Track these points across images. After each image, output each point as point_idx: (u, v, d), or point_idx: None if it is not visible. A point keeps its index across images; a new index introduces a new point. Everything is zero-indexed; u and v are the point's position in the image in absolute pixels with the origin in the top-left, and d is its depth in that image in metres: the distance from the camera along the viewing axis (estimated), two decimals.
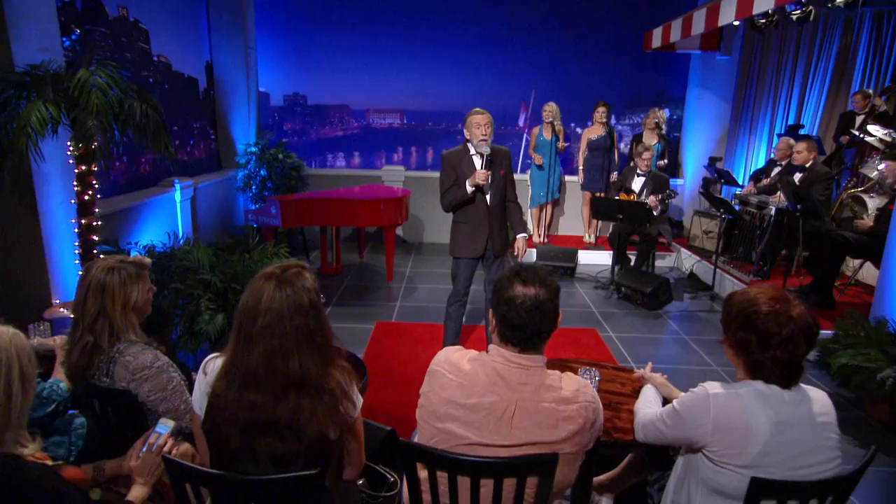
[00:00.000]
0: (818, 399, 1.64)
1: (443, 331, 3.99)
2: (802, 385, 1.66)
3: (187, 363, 3.81)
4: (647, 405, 2.04)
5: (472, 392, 1.60)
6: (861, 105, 5.97)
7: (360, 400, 1.63)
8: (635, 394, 2.28)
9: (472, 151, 3.64)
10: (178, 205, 5.30)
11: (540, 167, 6.79)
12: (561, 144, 6.85)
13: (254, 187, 6.85)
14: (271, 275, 1.51)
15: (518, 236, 3.76)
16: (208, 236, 5.83)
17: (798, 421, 1.58)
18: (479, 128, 3.55)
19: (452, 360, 1.68)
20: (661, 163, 6.86)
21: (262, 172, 6.85)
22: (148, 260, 2.17)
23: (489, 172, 3.55)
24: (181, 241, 4.31)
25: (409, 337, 4.51)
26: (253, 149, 6.87)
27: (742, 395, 1.62)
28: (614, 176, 6.96)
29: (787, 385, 1.62)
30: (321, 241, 6.23)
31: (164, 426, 1.71)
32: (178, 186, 5.24)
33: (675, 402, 1.77)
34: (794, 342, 1.57)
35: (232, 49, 6.70)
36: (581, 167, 6.95)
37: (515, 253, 3.73)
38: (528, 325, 1.56)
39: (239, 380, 1.49)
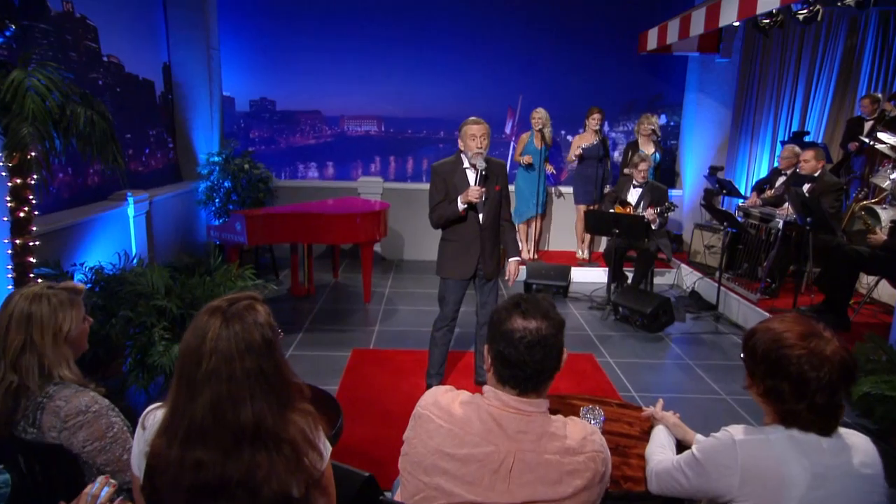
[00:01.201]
0: (860, 447, 1.54)
1: (427, 358, 3.93)
2: (841, 429, 1.56)
3: (139, 400, 3.69)
4: (661, 450, 1.93)
5: (465, 441, 1.50)
6: (869, 110, 6.02)
7: (328, 448, 1.51)
8: (644, 435, 2.18)
9: (466, 164, 3.60)
10: (132, 221, 5.15)
11: (529, 166, 6.75)
12: (549, 167, 6.83)
13: (217, 201, 6.73)
14: (217, 309, 1.40)
15: (510, 260, 3.74)
16: (165, 256, 5.70)
17: (838, 473, 1.48)
18: (474, 139, 3.51)
19: (442, 404, 1.58)
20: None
21: (226, 184, 6.74)
22: (81, 286, 2.01)
23: (483, 189, 3.50)
24: (134, 262, 4.16)
25: (390, 365, 4.43)
26: (216, 158, 6.76)
27: (773, 441, 1.52)
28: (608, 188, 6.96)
29: (825, 432, 1.52)
30: (291, 259, 6.14)
31: (103, 483, 1.55)
32: (131, 200, 5.10)
33: (694, 448, 1.67)
34: (832, 386, 1.48)
35: (192, 49, 6.60)
36: (574, 156, 6.88)
37: (506, 277, 3.70)
38: (528, 363, 1.48)
39: (181, 435, 1.36)
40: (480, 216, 3.61)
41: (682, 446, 2.02)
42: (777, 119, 7.24)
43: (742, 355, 1.64)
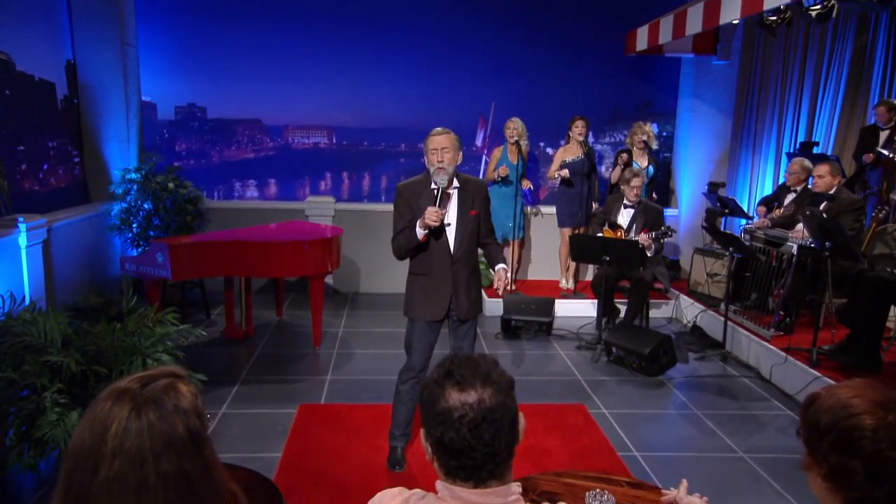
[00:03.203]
0: None
1: (390, 414, 3.82)
2: None
3: (25, 483, 3.36)
4: None
5: None
6: (885, 119, 6.07)
7: None
8: None
9: (433, 183, 3.56)
10: (24, 252, 4.85)
11: (505, 181, 6.75)
12: (526, 183, 6.85)
13: (135, 226, 6.54)
14: (124, 393, 1.21)
15: (498, 267, 3.65)
16: (68, 295, 5.46)
17: None
18: (435, 153, 3.47)
19: None
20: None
21: (146, 206, 6.56)
22: None
23: (443, 211, 3.45)
24: (24, 305, 3.84)
25: (346, 424, 4.29)
26: (134, 175, 6.58)
27: None
28: (594, 206, 6.97)
29: None
30: (226, 295, 5.97)
31: None
32: (22, 227, 4.81)
33: None
34: None
35: (103, 45, 6.43)
36: (557, 174, 6.86)
37: (496, 286, 3.61)
38: (475, 448, 1.34)
39: None
40: (451, 244, 3.56)
41: None
42: (781, 128, 7.28)
43: (799, 429, 1.49)
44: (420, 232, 3.45)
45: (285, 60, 7.48)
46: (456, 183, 3.55)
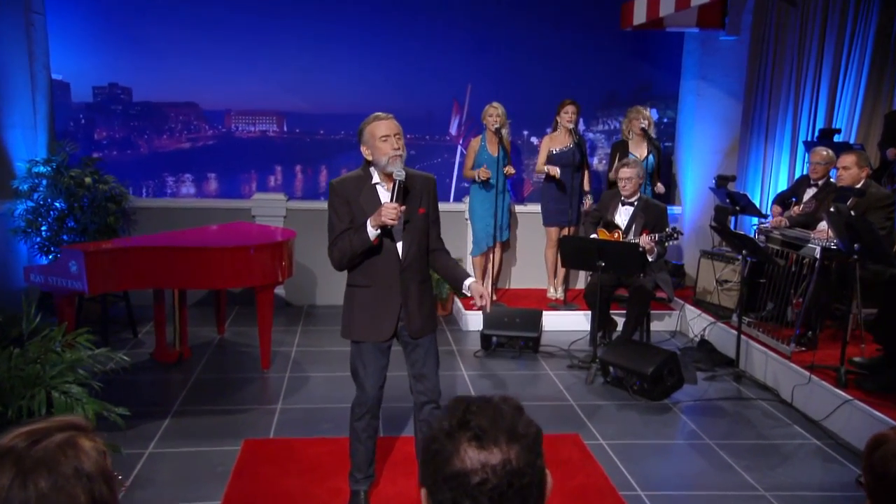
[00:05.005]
0: None
1: (349, 451, 3.77)
2: None
3: None
4: None
5: None
6: None
7: None
8: None
9: (376, 178, 3.55)
10: None
11: (486, 183, 6.81)
12: (508, 168, 6.87)
13: (44, 229, 6.48)
14: (6, 454, 1.17)
15: (468, 282, 3.59)
16: None
17: None
18: (386, 140, 3.45)
19: None
20: (658, 187, 6.90)
21: (58, 205, 6.50)
22: None
23: (402, 207, 3.41)
24: None
25: (299, 462, 4.23)
26: (42, 168, 6.52)
27: None
28: (588, 202, 7.00)
29: None
30: (156, 311, 5.90)
31: None
32: None
33: None
34: None
35: (2, 12, 6.35)
36: (545, 169, 6.92)
37: (478, 304, 3.53)
38: None
39: None
40: (399, 249, 3.53)
41: None
42: (798, 113, 7.33)
43: (860, 476, 1.49)
44: (373, 233, 3.40)
45: (227, 34, 7.44)
46: None
